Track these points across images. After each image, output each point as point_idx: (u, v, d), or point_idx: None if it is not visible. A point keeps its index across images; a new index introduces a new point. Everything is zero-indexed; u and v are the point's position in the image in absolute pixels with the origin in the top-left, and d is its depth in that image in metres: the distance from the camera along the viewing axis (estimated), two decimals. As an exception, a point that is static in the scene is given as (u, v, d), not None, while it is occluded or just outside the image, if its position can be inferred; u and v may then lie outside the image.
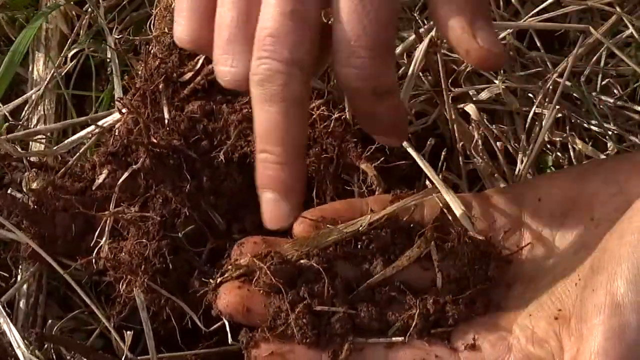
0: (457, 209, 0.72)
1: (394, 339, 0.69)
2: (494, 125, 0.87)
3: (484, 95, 0.87)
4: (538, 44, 0.90)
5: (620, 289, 0.60)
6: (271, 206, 0.64)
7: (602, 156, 0.86)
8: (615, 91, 0.90)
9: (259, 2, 0.61)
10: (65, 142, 0.87)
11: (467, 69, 0.87)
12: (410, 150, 0.79)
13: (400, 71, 0.86)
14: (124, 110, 0.82)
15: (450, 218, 0.73)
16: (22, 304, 0.83)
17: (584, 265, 0.66)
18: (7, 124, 0.91)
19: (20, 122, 0.93)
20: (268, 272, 0.70)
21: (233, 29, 0.62)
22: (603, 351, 0.60)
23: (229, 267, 0.72)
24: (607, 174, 0.69)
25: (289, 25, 0.59)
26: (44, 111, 0.93)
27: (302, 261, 0.71)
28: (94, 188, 0.80)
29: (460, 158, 0.85)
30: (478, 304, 0.70)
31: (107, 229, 0.78)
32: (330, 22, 0.61)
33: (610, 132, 0.87)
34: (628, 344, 0.60)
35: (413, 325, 0.69)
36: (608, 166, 0.70)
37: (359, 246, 0.72)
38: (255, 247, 0.73)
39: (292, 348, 0.69)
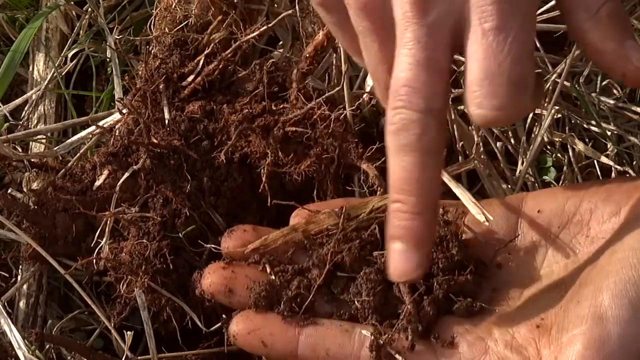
0: (468, 202, 0.72)
1: (365, 331, 0.69)
2: (494, 126, 0.87)
3: (484, 95, 0.87)
4: (538, 44, 0.90)
5: (605, 301, 0.60)
6: (400, 257, 0.63)
7: (603, 157, 0.86)
8: (615, 92, 0.90)
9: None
10: (66, 142, 0.87)
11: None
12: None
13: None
14: (124, 111, 0.82)
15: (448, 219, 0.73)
16: (22, 304, 0.83)
17: (572, 279, 0.67)
18: (7, 124, 0.92)
19: (21, 122, 0.93)
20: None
21: (385, 80, 0.63)
22: None
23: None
24: (608, 194, 0.69)
25: (423, 75, 0.59)
26: (44, 111, 0.93)
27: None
28: (94, 188, 0.80)
29: (460, 158, 0.86)
30: (458, 303, 0.70)
31: (107, 229, 0.79)
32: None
33: (609, 133, 0.87)
34: (607, 355, 0.60)
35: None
36: (610, 187, 0.70)
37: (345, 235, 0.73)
38: (244, 235, 0.74)
39: (271, 330, 0.70)
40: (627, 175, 0.86)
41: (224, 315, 0.74)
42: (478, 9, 0.58)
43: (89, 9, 0.94)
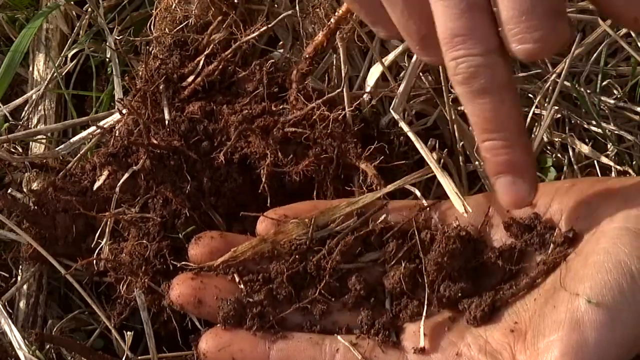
0: (450, 192, 0.72)
1: (339, 337, 0.70)
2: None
3: (484, 95, 0.87)
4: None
5: (581, 306, 0.60)
6: (511, 189, 0.64)
7: (602, 157, 0.86)
8: (615, 92, 0.90)
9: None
10: (66, 143, 0.88)
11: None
12: (409, 133, 0.79)
13: (400, 72, 0.86)
14: (124, 111, 0.82)
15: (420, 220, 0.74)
16: (22, 304, 0.83)
17: (545, 281, 0.66)
18: (7, 124, 0.92)
19: (21, 122, 0.93)
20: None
21: (418, 31, 0.63)
22: None
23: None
24: (579, 195, 0.69)
25: (469, 19, 0.59)
26: (44, 111, 0.93)
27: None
28: (94, 189, 0.80)
29: (460, 158, 0.86)
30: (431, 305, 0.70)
31: (107, 230, 0.79)
32: None
33: (609, 133, 0.87)
34: None
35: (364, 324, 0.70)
36: (581, 187, 0.70)
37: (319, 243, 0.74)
38: (212, 243, 0.74)
39: (241, 346, 0.70)
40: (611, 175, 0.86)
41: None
42: None
43: (89, 9, 0.94)
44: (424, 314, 0.69)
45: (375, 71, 0.85)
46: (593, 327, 0.60)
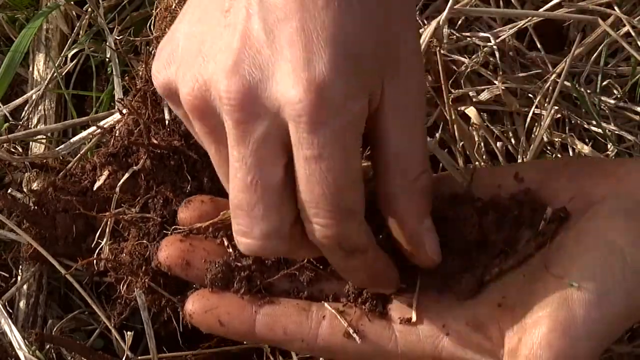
0: (449, 165, 0.72)
1: (326, 304, 0.69)
2: (494, 126, 0.87)
3: (484, 96, 0.87)
4: (538, 44, 0.90)
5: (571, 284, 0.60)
6: None
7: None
8: (615, 92, 0.90)
9: None
10: (66, 143, 0.88)
11: (467, 70, 0.87)
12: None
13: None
14: (124, 111, 0.82)
15: None
16: (22, 304, 0.84)
17: (534, 257, 0.66)
18: (7, 124, 0.92)
19: (21, 122, 0.93)
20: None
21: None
22: (546, 343, 0.60)
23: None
24: (573, 175, 0.68)
25: (252, 198, 0.58)
26: (44, 111, 0.93)
27: None
28: (94, 189, 0.81)
29: (460, 159, 0.86)
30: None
31: (107, 230, 0.79)
32: None
33: (609, 133, 0.87)
34: (572, 338, 0.59)
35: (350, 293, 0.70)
36: (575, 168, 0.69)
37: None
38: (202, 207, 0.73)
39: (228, 309, 0.69)
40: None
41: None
42: (296, 135, 0.56)
43: (89, 9, 0.94)
44: (418, 285, 0.68)
45: (376, 71, 0.85)
46: (581, 305, 0.60)
